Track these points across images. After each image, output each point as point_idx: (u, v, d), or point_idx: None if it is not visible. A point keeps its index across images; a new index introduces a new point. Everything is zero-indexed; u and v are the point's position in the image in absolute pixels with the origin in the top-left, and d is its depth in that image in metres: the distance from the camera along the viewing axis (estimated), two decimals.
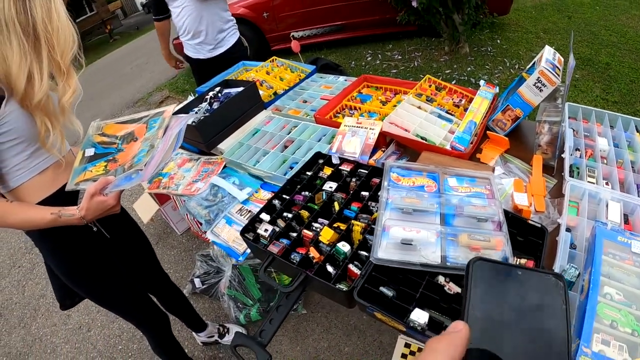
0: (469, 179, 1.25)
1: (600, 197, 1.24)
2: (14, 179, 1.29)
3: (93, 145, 1.42)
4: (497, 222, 1.05)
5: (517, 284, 0.46)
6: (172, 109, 1.44)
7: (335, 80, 2.47)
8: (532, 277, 0.46)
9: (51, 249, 1.46)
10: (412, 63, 5.44)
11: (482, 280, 0.46)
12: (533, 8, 6.96)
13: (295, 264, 1.15)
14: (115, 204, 1.30)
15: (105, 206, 1.27)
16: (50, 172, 1.37)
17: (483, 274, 0.47)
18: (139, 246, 1.86)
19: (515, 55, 5.15)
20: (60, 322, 2.91)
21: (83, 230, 1.43)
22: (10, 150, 1.24)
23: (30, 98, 1.19)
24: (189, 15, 2.81)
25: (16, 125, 1.20)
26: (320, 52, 6.29)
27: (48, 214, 1.26)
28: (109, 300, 1.69)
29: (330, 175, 1.47)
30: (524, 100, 1.55)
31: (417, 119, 1.73)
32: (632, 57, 4.82)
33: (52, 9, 1.18)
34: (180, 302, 2.16)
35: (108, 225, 1.56)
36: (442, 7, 4.84)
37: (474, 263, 0.48)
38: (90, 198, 1.25)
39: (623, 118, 1.59)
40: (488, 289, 0.46)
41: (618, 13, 6.36)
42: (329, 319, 2.47)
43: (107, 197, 1.27)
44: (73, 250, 1.48)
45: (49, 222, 1.26)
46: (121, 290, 1.67)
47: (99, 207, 1.26)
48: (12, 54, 1.13)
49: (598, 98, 4.07)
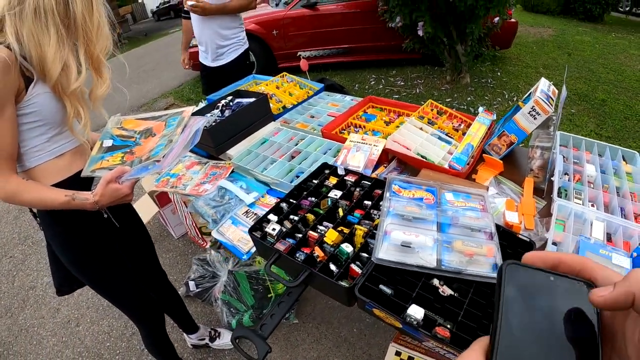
0: (464, 194, 1.34)
1: (585, 216, 1.34)
2: (31, 159, 1.33)
3: (111, 137, 1.50)
4: (489, 233, 1.14)
5: (549, 290, 0.44)
6: (191, 109, 1.53)
7: (342, 99, 2.59)
8: (564, 284, 0.44)
9: (60, 233, 1.49)
10: (414, 90, 5.59)
11: (515, 283, 0.45)
12: (534, 43, 7.19)
13: (300, 261, 1.23)
14: (129, 192, 1.35)
15: (119, 194, 1.32)
16: (67, 157, 1.41)
17: (515, 277, 0.46)
18: (142, 240, 1.90)
19: (514, 88, 5.32)
20: (49, 315, 2.92)
21: (93, 217, 1.48)
22: (32, 131, 1.29)
23: (64, 86, 1.26)
24: (195, 23, 3.11)
25: (41, 108, 1.26)
26: (325, 73, 6.44)
27: (62, 195, 1.29)
28: (112, 291, 1.71)
29: (336, 184, 1.55)
30: (519, 127, 1.66)
31: (418, 139, 1.83)
32: (628, 95, 5.00)
33: (93, 5, 1.26)
34: (175, 302, 2.20)
35: (117, 215, 1.61)
36: (446, 37, 5.02)
37: (507, 266, 0.46)
38: (106, 184, 1.29)
39: (611, 147, 1.71)
40: (520, 293, 0.45)
41: (617, 52, 6.58)
42: (320, 330, 2.52)
43: (122, 185, 1.32)
44: (82, 237, 1.52)
45: (62, 204, 1.29)
46: (126, 282, 1.70)
47: (113, 194, 1.31)
48: (48, 41, 1.20)
49: (592, 133, 4.21)
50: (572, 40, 7.44)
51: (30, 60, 1.22)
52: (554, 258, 0.45)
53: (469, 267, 1.05)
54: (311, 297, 2.70)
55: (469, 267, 1.05)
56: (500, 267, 0.47)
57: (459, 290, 1.10)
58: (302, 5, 6.05)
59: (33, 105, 1.25)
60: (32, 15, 1.17)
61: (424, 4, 4.80)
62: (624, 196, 1.48)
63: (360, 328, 2.48)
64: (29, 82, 1.22)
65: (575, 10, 9.48)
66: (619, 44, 7.22)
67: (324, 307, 2.63)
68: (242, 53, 3.25)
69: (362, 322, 2.50)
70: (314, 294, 2.70)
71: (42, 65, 1.22)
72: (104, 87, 1.38)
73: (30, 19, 1.17)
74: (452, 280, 1.11)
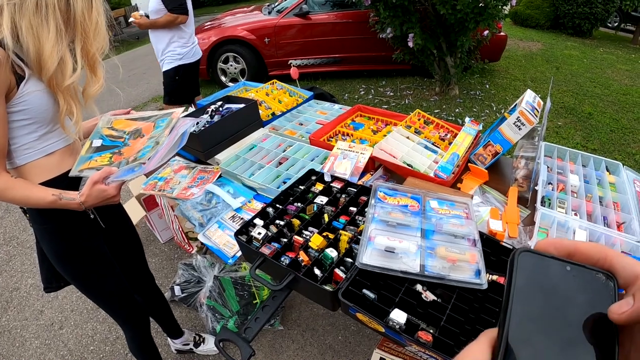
0: (449, 202, 1.36)
1: (568, 225, 1.37)
2: (21, 156, 1.32)
3: (101, 137, 1.50)
4: (472, 240, 1.16)
5: (564, 280, 0.42)
6: (180, 111, 1.53)
7: (331, 108, 2.61)
8: (582, 274, 0.42)
9: (48, 229, 1.48)
10: (403, 100, 5.64)
11: (527, 272, 0.43)
12: (523, 57, 7.30)
13: (285, 265, 1.23)
14: (116, 194, 1.34)
15: (105, 195, 1.30)
16: (57, 155, 1.41)
17: (528, 265, 0.43)
18: (130, 242, 1.87)
19: (502, 101, 5.39)
20: (32, 317, 2.88)
21: (80, 217, 1.47)
22: (22, 129, 1.28)
23: (59, 81, 1.27)
24: None
25: (32, 106, 1.26)
26: (315, 82, 6.47)
27: (49, 194, 1.28)
28: (97, 291, 1.68)
29: (322, 191, 1.57)
30: (504, 137, 1.69)
31: (405, 148, 1.85)
32: (614, 108, 5.09)
33: (93, 4, 1.27)
34: (162, 306, 2.18)
35: (105, 216, 1.60)
36: (436, 49, 5.08)
37: (519, 254, 0.43)
38: (92, 185, 1.28)
39: (595, 158, 1.74)
40: (533, 283, 0.42)
41: (604, 66, 6.71)
42: (305, 337, 2.51)
43: (109, 186, 1.30)
44: (70, 234, 1.50)
45: (49, 203, 1.29)
46: (112, 282, 1.68)
47: (99, 195, 1.30)
48: (47, 35, 1.20)
49: (578, 145, 4.28)
50: (560, 54, 7.57)
51: (26, 54, 1.22)
52: (570, 246, 0.43)
53: (452, 273, 1.06)
54: (296, 304, 2.70)
55: (452, 273, 1.06)
56: (512, 255, 0.44)
57: (442, 295, 1.12)
58: (295, 14, 6.09)
59: (24, 103, 1.24)
60: (33, 7, 1.17)
61: (415, 15, 4.86)
62: (607, 206, 1.51)
63: (345, 335, 2.48)
64: (21, 80, 1.22)
65: (564, 25, 9.66)
66: (606, 58, 7.36)
67: (309, 314, 2.63)
68: (170, 69, 3.50)
69: (347, 330, 2.50)
70: (299, 301, 2.70)
71: (38, 58, 1.22)
72: (97, 85, 1.39)
73: (31, 11, 1.17)
74: (435, 286, 1.12)
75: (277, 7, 6.57)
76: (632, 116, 4.96)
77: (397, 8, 4.77)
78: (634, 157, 4.11)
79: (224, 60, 6.32)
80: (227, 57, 6.29)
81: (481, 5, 4.43)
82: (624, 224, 1.44)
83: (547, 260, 0.43)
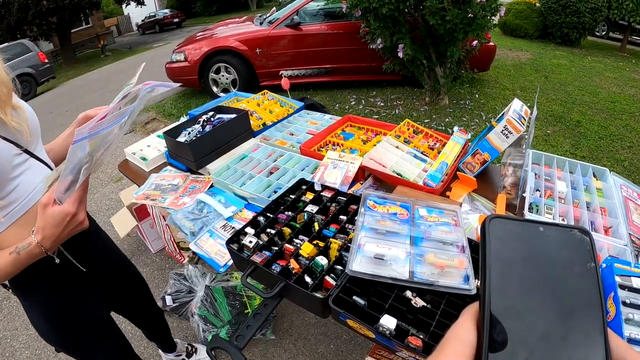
0: (438, 210, 1.38)
1: None
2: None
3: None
4: (461, 246, 1.18)
5: (539, 241, 0.41)
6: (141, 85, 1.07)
7: (321, 118, 2.63)
8: (556, 233, 0.41)
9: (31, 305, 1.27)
10: (393, 110, 5.68)
11: (500, 238, 0.42)
12: (512, 67, 7.39)
13: (275, 273, 1.24)
14: (76, 211, 0.97)
15: (63, 218, 0.96)
16: (26, 220, 1.12)
17: (501, 231, 0.42)
18: (128, 284, 1.70)
19: (491, 110, 5.45)
20: (22, 326, 2.86)
21: (57, 269, 1.20)
22: None
23: None
24: None
25: None
26: (306, 92, 6.51)
27: (6, 254, 1.01)
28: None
29: (312, 200, 1.58)
30: (492, 146, 1.72)
31: (394, 157, 1.88)
32: (602, 116, 5.17)
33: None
34: (165, 333, 2.16)
35: (81, 255, 1.32)
36: (426, 59, 5.14)
37: (490, 221, 0.43)
38: (43, 211, 0.96)
39: (582, 165, 1.76)
40: (508, 248, 0.41)
41: (592, 75, 6.81)
42: (297, 346, 2.51)
43: (64, 205, 0.96)
44: (57, 307, 1.29)
45: (11, 264, 1.02)
46: (108, 352, 1.50)
47: (56, 222, 0.96)
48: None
49: (567, 153, 4.33)
50: (549, 63, 7.68)
51: None
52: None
53: (441, 279, 1.07)
54: (288, 313, 2.70)
55: (441, 279, 1.07)
56: (483, 223, 0.43)
57: (432, 301, 1.13)
58: (286, 25, 6.14)
59: None
60: None
61: (405, 26, 4.93)
62: (594, 211, 1.53)
63: (337, 344, 2.48)
64: None
65: (553, 35, 9.81)
66: (594, 67, 7.48)
67: (301, 324, 2.63)
68: None
69: (339, 339, 2.50)
70: (291, 310, 2.70)
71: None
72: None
73: None
74: (424, 292, 1.14)
75: (269, 18, 6.63)
76: (620, 123, 5.04)
77: (387, 19, 4.83)
78: (623, 163, 4.17)
79: (216, 70, 6.36)
80: (219, 67, 6.33)
81: (470, 15, 4.50)
82: (611, 228, 1.47)
83: (519, 224, 0.43)
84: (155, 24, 24.24)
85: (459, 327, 0.42)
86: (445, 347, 0.42)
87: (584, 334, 0.37)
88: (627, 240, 1.36)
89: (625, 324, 0.94)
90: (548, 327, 0.37)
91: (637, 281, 1.02)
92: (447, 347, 0.42)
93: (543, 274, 0.40)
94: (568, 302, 0.38)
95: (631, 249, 1.32)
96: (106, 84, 9.54)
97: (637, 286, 1.01)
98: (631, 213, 1.51)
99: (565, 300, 0.38)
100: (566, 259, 0.40)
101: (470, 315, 0.43)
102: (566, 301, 0.38)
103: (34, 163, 1.17)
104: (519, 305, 0.39)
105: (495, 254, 0.41)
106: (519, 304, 0.39)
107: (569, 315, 0.38)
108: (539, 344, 0.37)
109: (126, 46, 14.87)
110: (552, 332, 0.37)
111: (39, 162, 1.20)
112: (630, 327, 0.93)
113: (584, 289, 0.39)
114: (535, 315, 0.38)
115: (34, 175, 1.16)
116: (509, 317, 0.38)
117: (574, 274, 0.39)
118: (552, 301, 0.38)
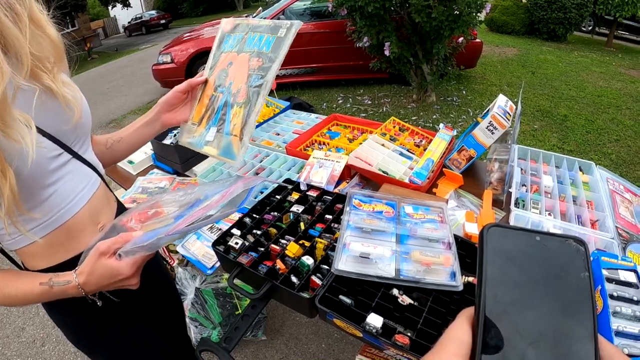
0: (424, 207, 1.38)
1: (542, 225, 1.40)
2: (7, 242, 0.94)
3: None
4: (447, 243, 1.18)
5: (535, 250, 0.42)
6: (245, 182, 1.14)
7: (307, 117, 2.63)
8: (552, 243, 0.43)
9: (60, 321, 1.16)
10: (381, 108, 5.70)
11: (498, 246, 0.43)
12: (499, 63, 7.45)
13: (262, 274, 1.24)
14: (130, 275, 0.88)
15: (113, 274, 0.87)
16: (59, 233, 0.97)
17: (498, 239, 0.43)
18: (170, 305, 1.55)
19: (479, 106, 5.48)
20: (14, 334, 2.84)
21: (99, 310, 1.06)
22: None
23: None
24: None
25: None
26: (294, 92, 6.51)
27: (37, 284, 0.89)
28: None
29: (298, 200, 1.58)
30: (478, 142, 1.73)
31: (380, 155, 1.88)
32: (589, 110, 5.22)
33: None
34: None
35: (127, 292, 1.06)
36: (412, 57, 5.16)
37: (488, 230, 0.44)
38: (97, 258, 0.86)
39: (568, 159, 1.77)
40: (504, 255, 0.43)
41: (579, 69, 6.88)
42: (289, 346, 2.51)
43: (122, 261, 0.86)
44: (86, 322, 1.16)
45: (39, 295, 0.90)
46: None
47: (107, 274, 0.87)
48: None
49: (555, 147, 4.37)
50: (536, 59, 7.75)
51: None
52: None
53: (427, 277, 1.08)
54: (279, 314, 2.70)
55: (427, 277, 1.08)
56: (481, 232, 0.44)
57: (419, 299, 1.13)
58: None
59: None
60: None
61: (391, 24, 4.94)
62: (580, 205, 1.54)
63: (328, 343, 2.48)
64: None
65: (539, 31, 9.90)
66: (581, 62, 7.56)
67: (292, 324, 2.63)
68: None
69: (330, 338, 2.51)
70: (282, 310, 2.70)
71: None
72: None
73: None
74: (411, 290, 1.14)
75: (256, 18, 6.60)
76: (607, 117, 5.09)
77: (373, 17, 4.84)
78: (610, 156, 4.21)
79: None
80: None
81: (456, 12, 4.52)
82: (598, 221, 1.48)
83: (516, 233, 0.44)
84: (142, 26, 24.14)
85: (454, 328, 0.44)
86: (441, 346, 0.44)
87: (574, 339, 0.38)
88: (614, 233, 1.36)
89: (612, 317, 0.94)
90: (540, 332, 0.39)
91: (624, 274, 1.02)
92: (443, 346, 0.43)
93: (537, 281, 0.41)
94: (560, 309, 0.40)
95: (618, 242, 1.33)
96: (93, 87, 9.46)
97: (624, 279, 1.01)
98: (618, 206, 1.52)
99: (558, 307, 0.40)
100: (560, 267, 0.42)
101: (466, 318, 0.44)
102: (558, 308, 0.40)
103: (77, 166, 0.99)
104: (513, 310, 0.40)
105: (492, 260, 0.43)
106: (512, 309, 0.40)
107: (561, 322, 0.39)
108: (531, 348, 0.38)
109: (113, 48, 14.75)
110: (543, 337, 0.39)
111: (83, 165, 1.02)
112: (617, 320, 0.94)
113: (577, 296, 0.40)
114: (527, 320, 0.39)
115: (76, 181, 0.98)
116: (502, 321, 0.40)
117: (568, 283, 0.41)
118: (545, 308, 0.40)
